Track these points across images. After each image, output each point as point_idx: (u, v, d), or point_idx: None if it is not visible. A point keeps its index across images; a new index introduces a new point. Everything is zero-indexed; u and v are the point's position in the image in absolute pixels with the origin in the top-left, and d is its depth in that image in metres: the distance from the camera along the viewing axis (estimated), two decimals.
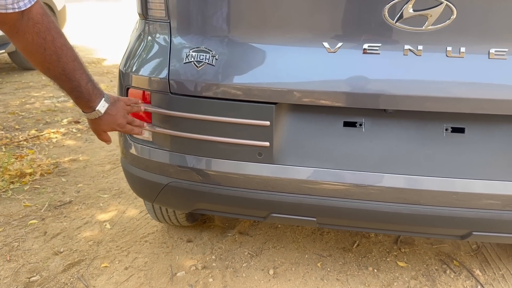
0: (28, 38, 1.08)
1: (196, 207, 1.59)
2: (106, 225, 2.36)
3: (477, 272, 1.99)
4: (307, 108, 1.39)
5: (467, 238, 1.43)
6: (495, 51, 1.25)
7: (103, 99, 1.29)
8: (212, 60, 1.38)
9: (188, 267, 2.00)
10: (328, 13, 1.31)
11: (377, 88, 1.29)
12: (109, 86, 5.40)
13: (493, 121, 1.32)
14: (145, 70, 1.50)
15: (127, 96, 1.53)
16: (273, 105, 1.35)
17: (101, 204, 2.59)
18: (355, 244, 2.19)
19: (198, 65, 1.38)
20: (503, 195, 1.31)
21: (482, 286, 1.90)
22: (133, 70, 1.51)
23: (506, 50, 1.24)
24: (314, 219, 1.48)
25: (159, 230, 2.31)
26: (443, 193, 1.33)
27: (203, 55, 1.38)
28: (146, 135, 1.51)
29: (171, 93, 1.43)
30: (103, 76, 6.03)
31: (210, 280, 1.90)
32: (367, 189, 1.38)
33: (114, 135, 1.54)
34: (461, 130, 1.34)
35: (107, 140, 1.41)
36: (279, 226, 2.35)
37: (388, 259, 2.07)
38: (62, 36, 1.14)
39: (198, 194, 1.52)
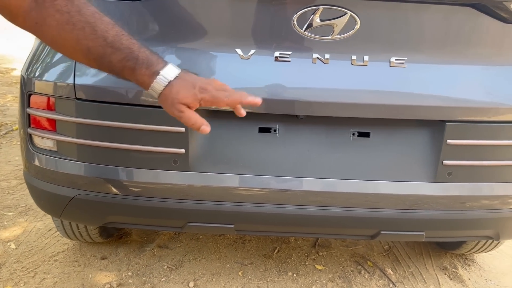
0: (52, 23, 0.87)
1: (107, 220, 1.50)
2: (10, 245, 2.15)
3: (389, 271, 2.11)
4: (222, 115, 1.38)
5: (376, 237, 1.51)
6: (395, 59, 1.34)
7: (170, 64, 0.97)
8: None
9: (102, 285, 1.88)
10: (241, 20, 1.32)
11: (288, 95, 1.32)
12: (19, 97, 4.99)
13: (394, 125, 1.41)
14: (50, 75, 1.39)
15: (28, 105, 1.42)
16: None
17: (6, 223, 2.36)
18: (276, 250, 2.21)
19: None
20: (406, 195, 1.40)
21: (393, 284, 2.01)
22: (36, 75, 1.41)
23: (406, 58, 1.34)
24: (232, 226, 1.47)
25: (70, 248, 2.15)
26: (352, 194, 1.39)
27: None
28: (50, 144, 1.40)
29: (77, 99, 1.34)
30: (11, 87, 5.57)
31: None
32: (282, 194, 1.40)
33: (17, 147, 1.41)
34: (366, 135, 1.41)
35: (198, 123, 0.99)
36: (201, 237, 2.30)
37: (307, 263, 2.12)
38: (87, 3, 0.91)
39: (108, 206, 1.43)
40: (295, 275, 2.03)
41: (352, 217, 1.42)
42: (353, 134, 1.41)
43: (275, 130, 1.41)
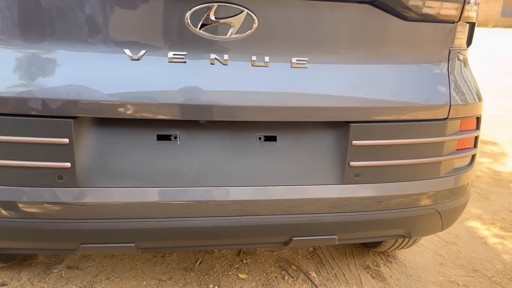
0: None
1: None
2: None
3: (313, 274, 2.07)
4: (114, 122, 1.26)
5: (289, 244, 1.45)
6: (297, 60, 1.28)
7: None
8: None
9: None
10: (129, 17, 1.20)
11: (185, 99, 1.22)
12: None
13: (300, 128, 1.36)
14: None
15: None
16: (71, 120, 1.18)
17: None
18: (198, 262, 2.11)
19: None
20: (315, 198, 1.35)
21: (316, 287, 1.97)
22: None
23: (307, 59, 1.29)
24: (132, 244, 1.34)
25: None
26: (260, 202, 1.32)
27: None
28: None
29: None
30: None
31: None
32: (185, 206, 1.29)
33: None
34: (273, 139, 1.35)
35: None
36: (116, 254, 2.14)
37: (230, 273, 2.03)
38: None
39: None
40: (216, 287, 1.93)
41: (261, 225, 1.35)
42: (259, 138, 1.34)
43: (175, 137, 1.31)
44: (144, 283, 1.93)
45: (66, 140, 1.18)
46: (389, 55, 1.38)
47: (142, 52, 1.21)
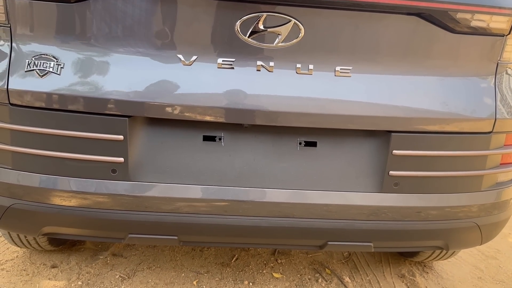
0: None
1: (44, 231, 1.44)
2: None
3: (347, 279, 2.09)
4: (164, 122, 1.34)
5: (324, 248, 1.48)
6: (340, 69, 1.32)
7: None
8: (57, 68, 1.26)
9: None
10: (183, 25, 1.28)
11: (232, 103, 1.29)
12: None
13: (341, 135, 1.39)
14: None
15: None
16: (127, 118, 1.28)
17: None
18: (234, 258, 2.18)
19: (41, 74, 1.26)
20: (352, 205, 1.38)
21: None
22: None
23: (351, 68, 1.32)
24: (176, 237, 1.42)
25: (20, 256, 2.07)
26: (298, 205, 1.37)
27: (47, 63, 1.26)
28: None
29: (11, 104, 1.28)
30: None
31: None
32: (227, 204, 1.36)
33: None
34: (313, 144, 1.38)
35: None
36: (158, 245, 2.25)
37: (264, 271, 2.09)
38: None
39: (45, 217, 1.37)
40: (251, 283, 1.99)
41: (298, 227, 1.40)
42: (300, 143, 1.39)
43: (220, 139, 1.38)
44: (183, 274, 2.02)
45: (121, 137, 1.28)
46: (435, 66, 1.38)
47: (194, 57, 1.28)
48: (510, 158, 1.47)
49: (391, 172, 1.36)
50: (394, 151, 1.34)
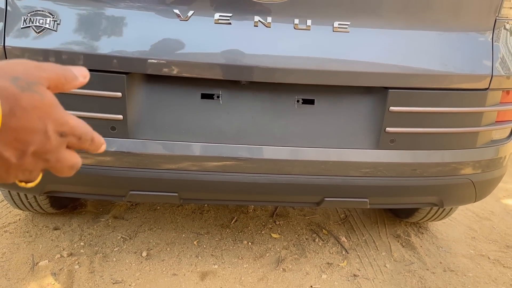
0: None
1: (47, 189, 1.46)
2: None
3: (343, 239, 2.14)
4: (162, 79, 1.35)
5: (321, 204, 1.51)
6: (339, 24, 1.31)
7: None
8: (54, 25, 1.25)
9: (53, 255, 1.85)
10: None
11: (228, 59, 1.29)
12: None
13: (338, 92, 1.39)
14: None
15: None
16: (124, 75, 1.28)
17: None
18: (233, 220, 2.22)
19: (37, 31, 1.25)
20: (349, 162, 1.40)
21: (346, 251, 2.04)
22: None
23: (349, 23, 1.31)
24: (176, 194, 1.45)
25: (23, 219, 2.11)
26: (296, 161, 1.39)
27: (43, 19, 1.25)
28: None
29: None
30: None
31: (76, 267, 1.78)
32: (225, 161, 1.38)
33: None
34: (311, 102, 1.39)
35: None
36: (158, 207, 2.29)
37: (263, 232, 2.13)
38: None
39: (46, 174, 1.39)
40: (250, 243, 2.04)
41: (296, 184, 1.42)
42: (298, 101, 1.40)
43: (218, 97, 1.38)
44: (184, 235, 2.06)
45: (119, 94, 1.28)
46: (432, 21, 1.37)
47: (191, 12, 1.27)
48: (505, 116, 1.49)
49: (388, 129, 1.38)
50: (391, 108, 1.35)
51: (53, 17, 1.26)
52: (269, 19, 1.28)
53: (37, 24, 1.25)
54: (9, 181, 0.42)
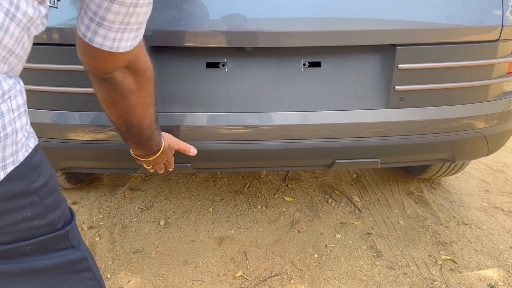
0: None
1: (62, 166, 1.49)
2: None
3: (356, 198, 2.16)
4: (166, 50, 1.34)
5: (332, 166, 1.52)
6: None
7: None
8: (54, 1, 1.24)
9: None
10: None
11: (232, 26, 1.26)
12: None
13: (345, 53, 1.37)
14: None
15: None
16: None
17: None
18: (246, 186, 2.25)
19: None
20: (359, 123, 1.39)
21: (359, 210, 2.07)
22: None
23: None
24: (188, 164, 1.47)
25: None
26: (305, 126, 1.39)
27: None
28: None
29: None
30: None
31: (97, 239, 1.85)
32: (235, 130, 1.38)
33: None
34: (317, 64, 1.38)
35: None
36: (172, 177, 2.33)
37: (276, 196, 2.17)
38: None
39: (61, 152, 1.42)
40: (264, 207, 2.08)
41: (305, 148, 1.43)
42: (304, 64, 1.38)
43: (223, 65, 1.37)
44: (199, 203, 2.11)
45: None
46: None
47: None
48: None
49: (397, 87, 1.36)
50: (399, 65, 1.33)
51: None
52: None
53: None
54: (152, 170, 1.27)
